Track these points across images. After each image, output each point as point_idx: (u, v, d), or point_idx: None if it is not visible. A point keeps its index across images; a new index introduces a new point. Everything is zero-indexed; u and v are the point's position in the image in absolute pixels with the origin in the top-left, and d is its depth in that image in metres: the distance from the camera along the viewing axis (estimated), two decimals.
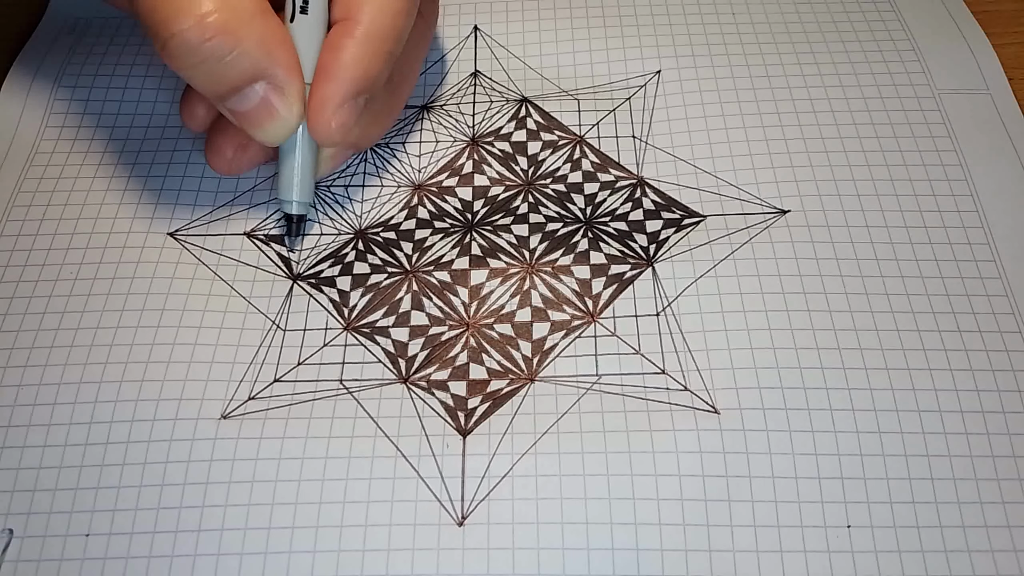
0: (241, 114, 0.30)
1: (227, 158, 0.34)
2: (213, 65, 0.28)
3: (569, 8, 0.43)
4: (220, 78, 0.29)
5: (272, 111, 0.30)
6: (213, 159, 0.34)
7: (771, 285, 0.33)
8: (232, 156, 0.34)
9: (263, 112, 0.30)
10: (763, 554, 0.28)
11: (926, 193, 0.35)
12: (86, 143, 0.38)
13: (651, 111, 0.39)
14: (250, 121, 0.31)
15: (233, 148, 0.34)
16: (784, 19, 0.42)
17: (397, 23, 0.32)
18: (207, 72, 0.29)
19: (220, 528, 0.28)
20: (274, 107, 0.30)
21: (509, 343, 0.32)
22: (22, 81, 0.41)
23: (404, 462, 0.29)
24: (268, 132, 0.31)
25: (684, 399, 0.30)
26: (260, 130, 0.31)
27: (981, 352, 0.31)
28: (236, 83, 0.29)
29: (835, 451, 0.29)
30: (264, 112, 0.30)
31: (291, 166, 0.33)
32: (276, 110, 0.30)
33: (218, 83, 0.29)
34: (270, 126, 0.31)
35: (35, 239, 0.35)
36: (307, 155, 0.33)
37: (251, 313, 0.33)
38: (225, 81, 0.29)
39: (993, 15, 0.42)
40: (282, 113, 0.31)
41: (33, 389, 0.31)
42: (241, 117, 0.31)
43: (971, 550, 0.28)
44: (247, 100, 0.30)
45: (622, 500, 0.29)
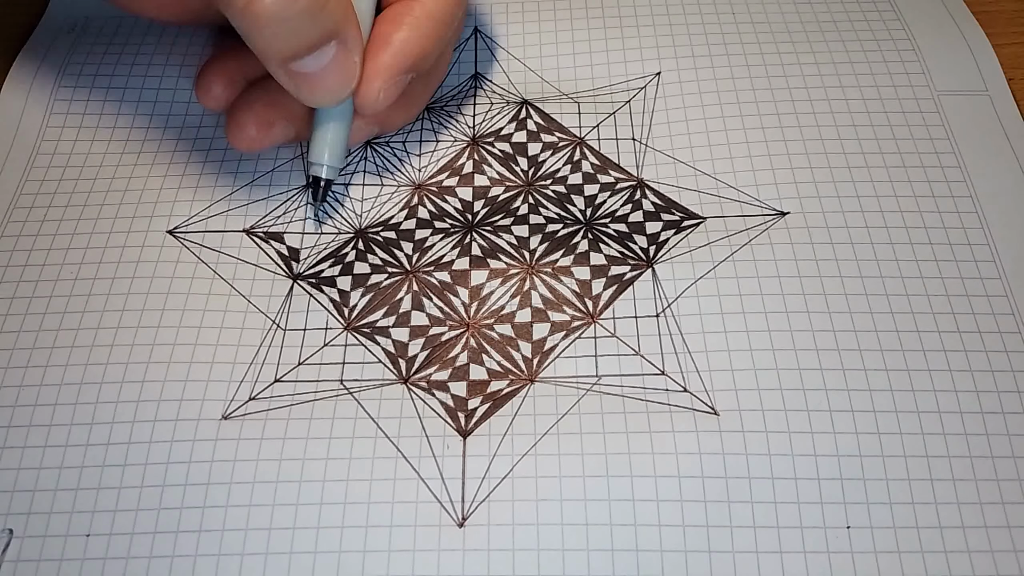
0: (304, 75, 0.30)
1: (251, 136, 0.34)
2: (298, 23, 0.29)
3: (569, 10, 0.43)
4: (302, 37, 0.29)
5: (337, 72, 0.31)
6: (236, 135, 0.34)
7: (770, 286, 0.33)
8: (255, 133, 0.34)
9: (328, 73, 0.30)
10: (763, 555, 0.28)
11: (925, 194, 0.35)
12: (87, 144, 0.38)
13: (651, 113, 0.39)
14: (314, 82, 0.31)
15: (257, 125, 0.34)
16: (784, 19, 0.42)
17: (457, 12, 0.33)
18: (290, 30, 0.29)
19: (221, 529, 0.28)
20: (340, 67, 0.31)
21: (509, 344, 0.32)
22: (23, 81, 0.41)
23: (405, 463, 0.30)
24: (328, 93, 0.31)
25: (683, 400, 0.30)
26: (321, 91, 0.31)
27: (980, 353, 0.31)
28: (315, 42, 0.29)
29: (834, 452, 0.29)
30: (329, 73, 0.30)
31: (326, 129, 0.34)
32: (341, 71, 0.31)
33: (298, 42, 0.29)
34: (330, 87, 0.31)
35: (36, 239, 0.35)
36: (344, 121, 0.34)
37: (251, 312, 0.33)
38: (306, 40, 0.29)
39: (993, 15, 0.42)
40: (346, 74, 0.31)
41: (34, 390, 0.31)
42: (301, 78, 0.31)
43: (971, 551, 0.28)
44: (316, 61, 0.30)
45: (622, 501, 0.29)
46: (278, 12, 0.28)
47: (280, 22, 0.28)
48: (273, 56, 0.30)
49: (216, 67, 0.35)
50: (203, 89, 0.35)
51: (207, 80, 0.34)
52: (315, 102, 0.32)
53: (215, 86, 0.34)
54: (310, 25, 0.29)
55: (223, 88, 0.34)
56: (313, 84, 0.31)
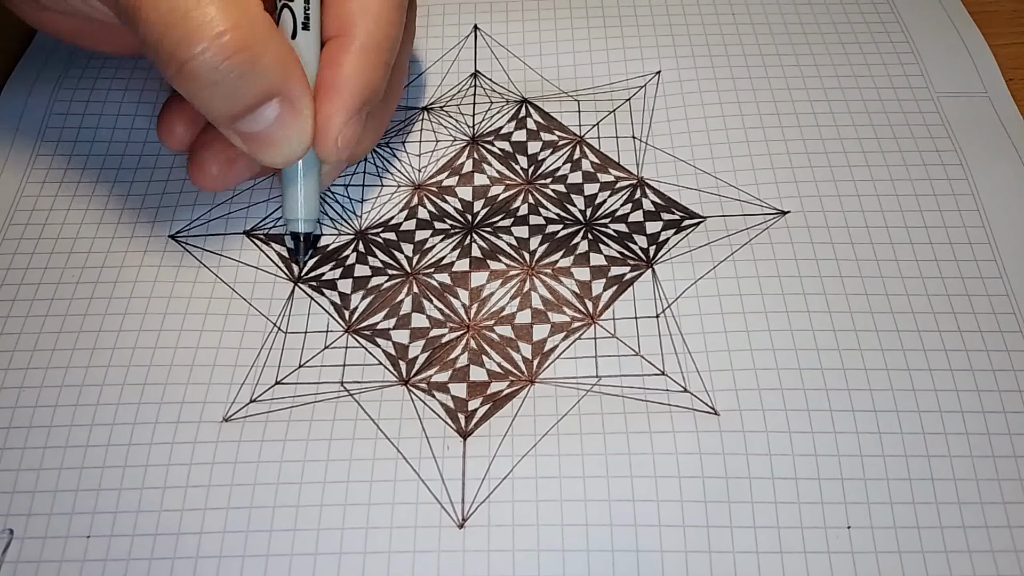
0: (252, 135, 0.30)
1: (212, 175, 0.33)
2: (230, 85, 0.28)
3: (569, 8, 0.43)
4: (237, 98, 0.28)
5: (286, 129, 0.30)
6: (198, 176, 0.33)
7: (771, 286, 0.33)
8: (218, 173, 0.33)
9: (276, 131, 0.29)
10: (763, 555, 0.28)
11: (926, 193, 0.35)
12: (87, 145, 0.38)
13: (651, 112, 0.39)
14: (262, 142, 0.30)
15: (219, 164, 0.33)
16: (784, 20, 0.42)
17: (390, 33, 0.32)
18: (223, 93, 0.28)
19: (222, 531, 0.28)
20: (288, 125, 0.29)
21: (509, 345, 0.32)
22: (22, 86, 0.41)
23: (405, 464, 0.30)
24: (281, 152, 0.30)
25: (684, 400, 0.30)
26: (272, 151, 0.30)
27: (982, 352, 0.31)
28: (252, 102, 0.28)
29: (835, 452, 0.29)
30: (277, 131, 0.29)
31: (296, 186, 0.33)
32: (290, 128, 0.30)
33: (234, 103, 0.28)
34: (283, 146, 0.30)
35: (38, 243, 0.35)
36: (311, 172, 0.33)
37: (252, 315, 0.33)
38: (241, 101, 0.28)
39: (992, 16, 0.42)
40: (297, 131, 0.30)
41: (35, 391, 0.31)
42: (252, 139, 0.30)
43: (972, 550, 0.28)
44: (260, 120, 0.29)
45: (622, 502, 0.29)
46: (207, 74, 0.27)
47: (209, 86, 0.27)
48: (215, 117, 0.29)
49: (176, 107, 0.34)
50: (165, 130, 0.34)
51: (168, 121, 0.33)
52: (271, 162, 0.31)
53: (177, 126, 0.33)
54: (244, 85, 0.28)
55: (185, 129, 0.33)
56: (264, 143, 0.30)
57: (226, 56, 0.27)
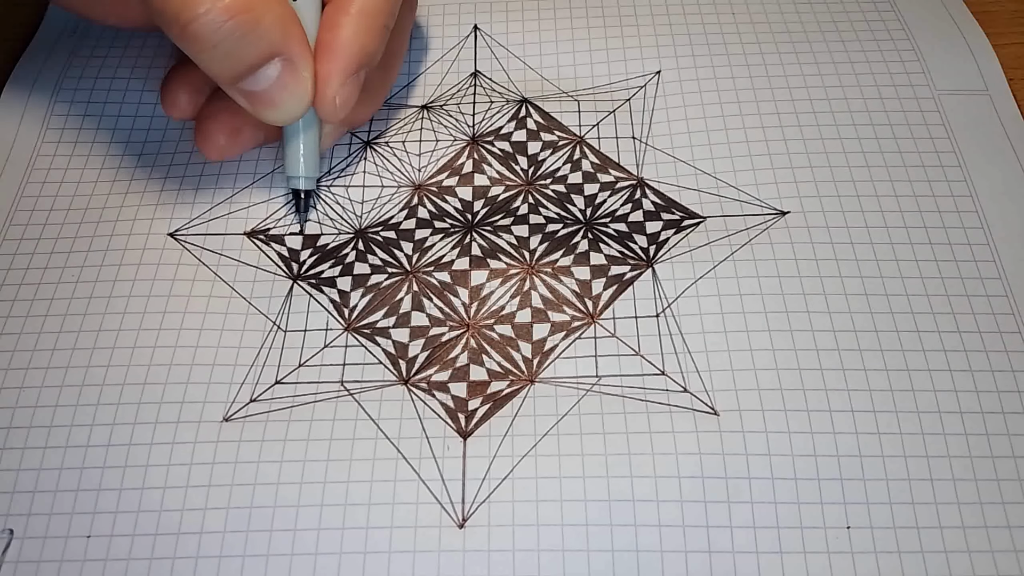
0: (255, 94, 0.31)
1: (219, 144, 0.34)
2: (233, 45, 0.29)
3: (569, 8, 0.43)
4: (239, 58, 0.29)
5: (287, 89, 0.31)
6: (204, 145, 0.34)
7: (770, 286, 0.33)
8: (224, 142, 0.34)
9: (278, 91, 0.30)
10: (763, 555, 0.28)
11: (926, 194, 0.35)
12: (87, 145, 0.38)
13: (651, 112, 0.39)
14: (264, 101, 0.31)
15: (225, 134, 0.34)
16: (784, 19, 0.42)
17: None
18: (226, 53, 0.29)
19: (222, 531, 0.28)
20: (289, 84, 0.31)
21: (509, 344, 0.32)
22: (23, 85, 0.41)
23: (405, 464, 0.30)
24: (282, 111, 0.31)
25: (684, 401, 0.30)
26: (274, 109, 0.31)
27: (981, 353, 0.31)
28: (254, 62, 0.29)
29: (834, 452, 0.29)
30: (279, 91, 0.31)
31: (297, 143, 0.34)
32: (291, 87, 0.31)
33: (237, 63, 0.29)
34: (284, 104, 0.31)
35: (38, 243, 0.35)
36: (311, 131, 0.34)
37: (252, 314, 0.33)
38: (244, 61, 0.29)
39: (993, 15, 0.42)
40: (297, 90, 0.31)
41: (35, 391, 0.31)
42: (254, 98, 0.31)
43: (971, 551, 0.28)
44: (262, 79, 0.30)
45: (622, 502, 0.29)
46: (211, 35, 0.28)
47: (213, 47, 0.29)
48: (220, 77, 0.30)
49: (180, 76, 0.35)
50: (168, 100, 0.35)
51: (172, 90, 0.35)
52: (273, 120, 0.32)
53: (180, 96, 0.34)
54: (246, 46, 0.29)
55: (188, 98, 0.35)
56: (266, 102, 0.31)
57: (229, 16, 0.28)
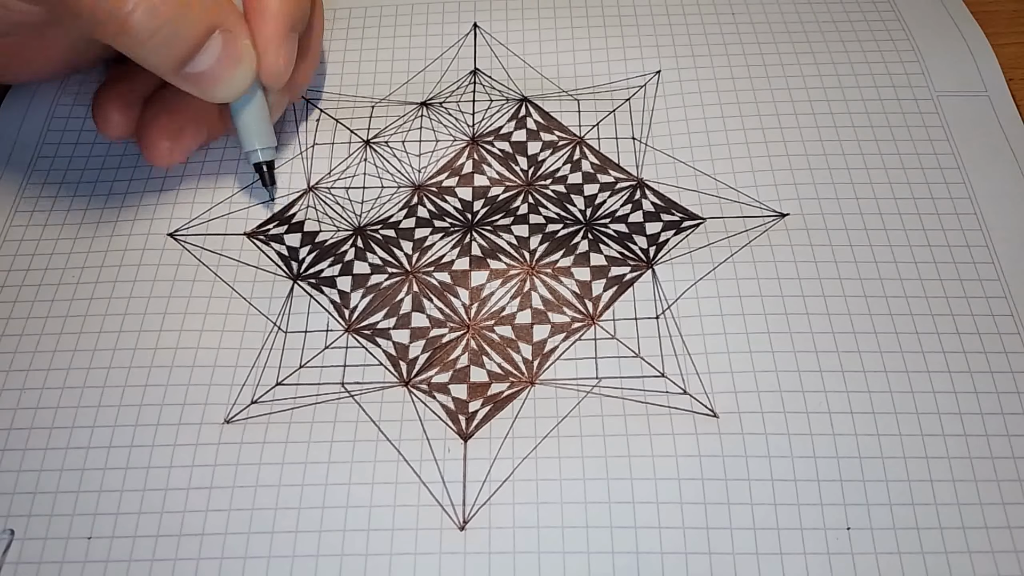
0: (202, 75, 0.31)
1: (165, 149, 0.34)
2: (171, 28, 0.29)
3: (569, 7, 0.43)
4: (180, 40, 0.29)
5: (231, 60, 0.31)
6: (150, 154, 0.35)
7: (770, 288, 0.33)
8: (169, 145, 0.35)
9: (224, 64, 0.31)
10: (763, 556, 0.28)
11: (924, 196, 0.35)
12: (87, 146, 0.38)
13: (651, 112, 0.39)
14: (211, 79, 0.31)
15: (167, 138, 0.34)
16: (784, 19, 0.42)
17: None
18: (166, 38, 0.29)
19: (224, 532, 0.29)
20: (232, 56, 0.31)
21: (509, 345, 0.32)
22: (24, 89, 0.41)
23: (406, 466, 0.30)
24: (230, 85, 0.32)
25: (683, 403, 0.31)
26: (222, 85, 0.31)
27: (980, 354, 0.31)
28: (195, 40, 0.30)
29: (834, 454, 0.29)
30: (224, 65, 0.31)
31: (246, 116, 0.34)
32: (234, 58, 0.31)
33: (179, 46, 0.30)
34: (231, 78, 0.31)
35: (38, 244, 0.35)
36: (257, 100, 0.34)
37: (252, 315, 0.33)
38: (185, 41, 0.30)
39: (993, 15, 0.42)
40: (241, 60, 0.31)
41: (36, 393, 0.31)
42: (201, 79, 0.31)
43: (971, 551, 0.28)
44: (207, 56, 0.30)
45: (622, 504, 0.29)
46: (148, 23, 0.28)
47: (153, 34, 0.29)
48: (164, 66, 0.30)
49: (108, 95, 0.35)
50: (101, 119, 0.35)
51: (103, 109, 0.35)
52: (223, 96, 0.32)
53: (112, 113, 0.34)
54: (185, 25, 0.29)
55: (120, 114, 0.35)
56: (214, 80, 0.31)
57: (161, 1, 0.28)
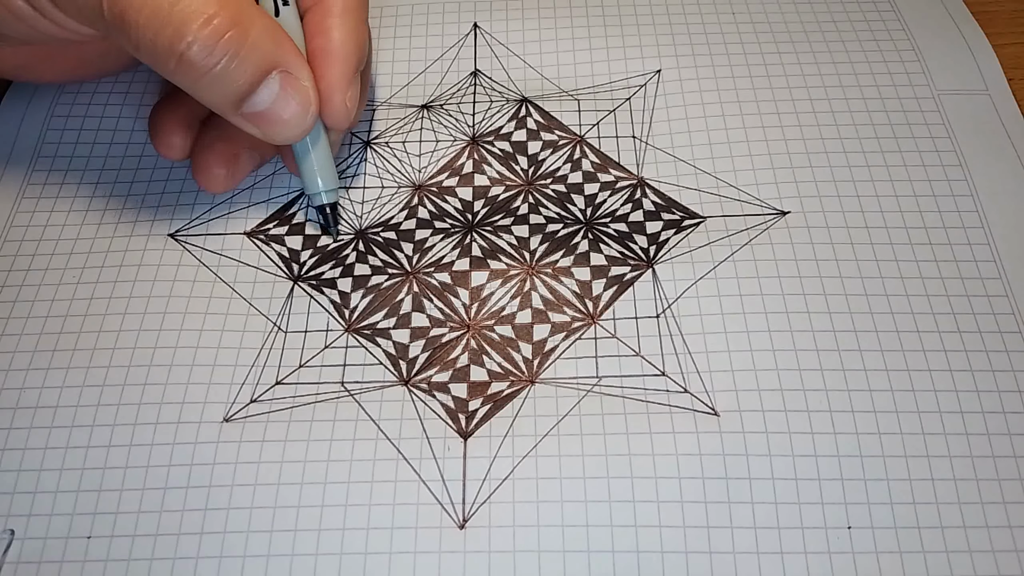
0: (261, 115, 0.30)
1: (220, 176, 0.34)
2: (228, 66, 0.28)
3: (569, 7, 0.43)
4: (237, 77, 0.29)
5: (291, 101, 0.30)
6: (205, 180, 0.34)
7: (771, 287, 0.33)
8: (225, 172, 0.34)
9: (282, 105, 0.30)
10: (764, 555, 0.28)
11: (926, 194, 0.35)
12: (88, 146, 0.38)
13: (651, 111, 0.39)
14: (270, 119, 0.30)
15: (223, 165, 0.34)
16: (784, 19, 0.42)
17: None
18: (223, 75, 0.28)
19: (223, 531, 0.28)
20: (292, 96, 0.30)
21: (510, 345, 0.32)
22: (25, 86, 0.41)
23: (406, 465, 0.30)
24: (290, 126, 0.31)
25: (684, 401, 0.30)
26: (282, 127, 0.31)
27: (981, 353, 0.31)
28: (252, 79, 0.29)
29: (835, 453, 0.29)
30: (283, 104, 0.30)
31: (311, 159, 0.33)
32: (294, 99, 0.30)
33: (235, 83, 0.29)
34: (291, 119, 0.30)
35: (39, 244, 0.35)
36: (321, 142, 0.33)
37: (252, 315, 0.33)
38: (241, 79, 0.29)
39: (993, 15, 0.42)
40: (301, 101, 0.30)
41: (35, 392, 0.31)
42: (261, 119, 0.30)
43: (972, 550, 0.28)
44: (265, 96, 0.30)
45: (622, 503, 0.29)
46: (204, 60, 0.28)
47: (210, 70, 0.28)
48: (222, 104, 0.30)
49: (167, 115, 0.34)
50: (162, 143, 0.34)
51: (164, 132, 0.34)
52: (284, 139, 0.31)
53: (174, 137, 0.34)
54: (242, 64, 0.28)
55: (181, 138, 0.34)
56: (272, 121, 0.30)
57: (219, 36, 0.28)
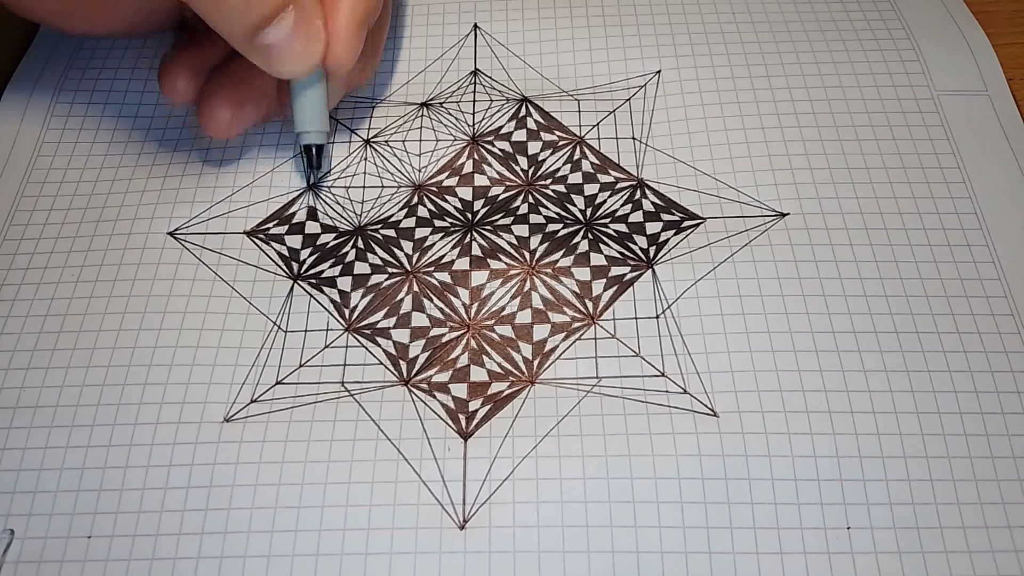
0: (271, 47, 0.31)
1: (225, 120, 0.35)
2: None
3: (569, 7, 0.43)
4: (255, 7, 0.30)
5: (301, 38, 0.31)
6: (209, 123, 0.35)
7: (770, 288, 0.33)
8: (229, 117, 0.35)
9: (292, 41, 0.31)
10: (763, 556, 0.28)
11: (925, 195, 0.35)
12: (87, 145, 0.38)
13: (651, 112, 0.39)
14: (279, 53, 0.31)
15: (229, 108, 0.35)
16: (784, 19, 0.42)
17: None
18: (243, 4, 0.29)
19: (223, 531, 0.28)
20: (303, 34, 0.31)
21: (510, 345, 0.32)
22: (23, 86, 0.41)
23: (406, 465, 0.30)
24: (297, 62, 0.32)
25: (683, 402, 0.31)
26: (290, 61, 0.32)
27: (980, 354, 0.31)
28: (269, 11, 0.30)
29: (834, 453, 0.29)
30: (293, 41, 0.31)
31: (305, 97, 0.34)
32: (305, 37, 0.31)
33: (253, 13, 0.30)
34: (299, 55, 0.31)
35: (38, 243, 0.35)
36: (319, 85, 0.34)
37: (252, 314, 0.33)
38: (259, 10, 0.30)
39: (993, 15, 0.42)
40: (311, 39, 0.31)
41: (35, 392, 0.31)
42: (270, 51, 0.31)
43: (971, 551, 0.28)
44: (279, 29, 0.31)
45: (622, 503, 0.29)
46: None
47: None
48: (236, 32, 0.30)
49: (176, 61, 0.35)
50: (167, 85, 0.35)
51: (170, 75, 0.35)
52: (289, 72, 0.32)
53: (179, 80, 0.35)
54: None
55: (187, 81, 0.35)
56: (282, 54, 0.31)
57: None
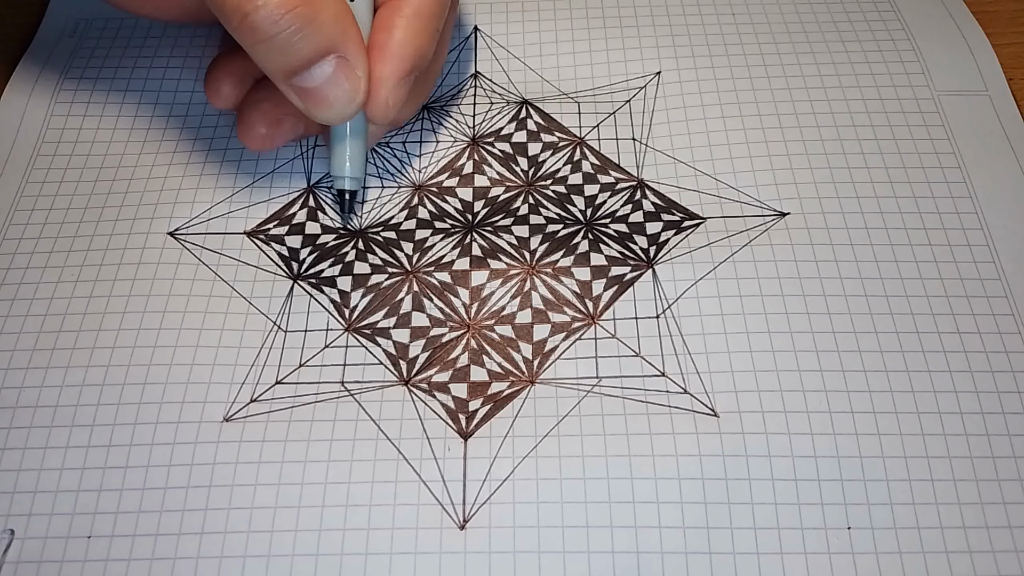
0: (308, 91, 0.31)
1: (260, 134, 0.35)
2: (289, 38, 0.29)
3: (569, 10, 0.43)
4: (294, 52, 0.29)
5: (340, 87, 0.31)
6: (246, 135, 0.35)
7: (770, 288, 0.33)
8: (265, 132, 0.35)
9: (331, 88, 0.30)
10: (763, 556, 0.28)
11: (925, 195, 0.35)
12: (87, 145, 0.38)
13: (651, 113, 0.39)
14: (316, 98, 0.31)
15: (267, 124, 0.34)
16: (784, 19, 0.42)
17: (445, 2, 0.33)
18: (282, 46, 0.29)
19: (223, 531, 0.28)
20: (343, 83, 0.31)
21: (510, 345, 0.32)
22: (25, 83, 0.41)
23: (406, 465, 0.30)
24: (334, 110, 0.31)
25: (684, 402, 0.31)
26: (326, 108, 0.31)
27: (980, 354, 0.31)
28: (309, 57, 0.30)
29: (834, 453, 0.29)
30: (332, 88, 0.31)
31: (345, 144, 0.34)
32: (344, 86, 0.31)
33: (291, 58, 0.29)
34: (336, 103, 0.31)
35: (37, 242, 0.35)
36: (359, 131, 0.34)
37: (252, 314, 0.33)
38: (299, 55, 0.29)
39: (993, 15, 0.42)
40: (351, 89, 0.31)
41: (35, 391, 0.31)
42: (307, 95, 0.31)
43: (972, 551, 0.28)
44: (316, 75, 0.30)
45: (622, 503, 0.29)
46: (268, 27, 0.28)
47: (270, 39, 0.29)
48: (275, 71, 0.30)
49: (224, 66, 0.35)
50: (212, 89, 0.35)
51: (216, 79, 0.35)
52: (324, 119, 0.32)
53: (224, 85, 0.35)
54: (302, 40, 0.29)
55: (232, 88, 0.35)
56: (318, 100, 0.31)
57: (287, 9, 0.28)
